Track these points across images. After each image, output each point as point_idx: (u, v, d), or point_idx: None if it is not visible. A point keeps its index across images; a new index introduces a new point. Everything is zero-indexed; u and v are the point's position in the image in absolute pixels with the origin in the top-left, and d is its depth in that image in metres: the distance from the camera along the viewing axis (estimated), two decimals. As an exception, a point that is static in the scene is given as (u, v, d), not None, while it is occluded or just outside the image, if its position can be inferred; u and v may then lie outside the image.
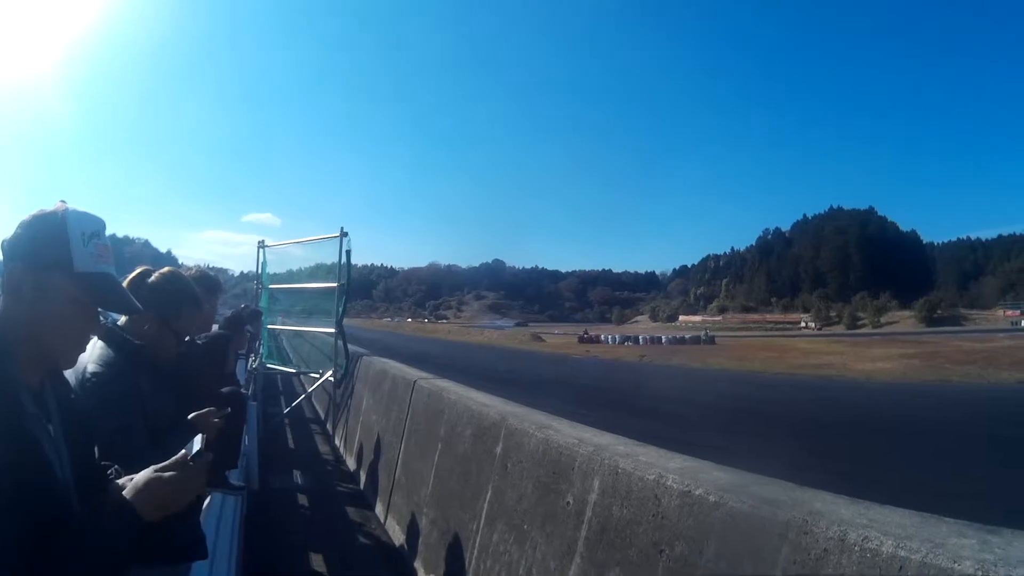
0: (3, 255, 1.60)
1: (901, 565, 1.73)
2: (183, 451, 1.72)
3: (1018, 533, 1.76)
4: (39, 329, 1.59)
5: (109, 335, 2.65)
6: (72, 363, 1.72)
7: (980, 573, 1.57)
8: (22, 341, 1.56)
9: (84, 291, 1.64)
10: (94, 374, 2.55)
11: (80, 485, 1.61)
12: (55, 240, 1.63)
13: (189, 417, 2.51)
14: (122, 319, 2.88)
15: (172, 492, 1.61)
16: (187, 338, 3.18)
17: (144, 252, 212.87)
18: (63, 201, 1.70)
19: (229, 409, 2.79)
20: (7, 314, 1.57)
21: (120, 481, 1.70)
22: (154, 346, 2.73)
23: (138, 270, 3.00)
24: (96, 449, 1.82)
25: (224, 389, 4.13)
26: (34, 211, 1.67)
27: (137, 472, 1.65)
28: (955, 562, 1.63)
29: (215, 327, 4.95)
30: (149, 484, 1.60)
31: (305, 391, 13.71)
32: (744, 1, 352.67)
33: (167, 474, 1.62)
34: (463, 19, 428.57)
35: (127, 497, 1.56)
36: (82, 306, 1.64)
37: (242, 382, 7.00)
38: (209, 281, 3.73)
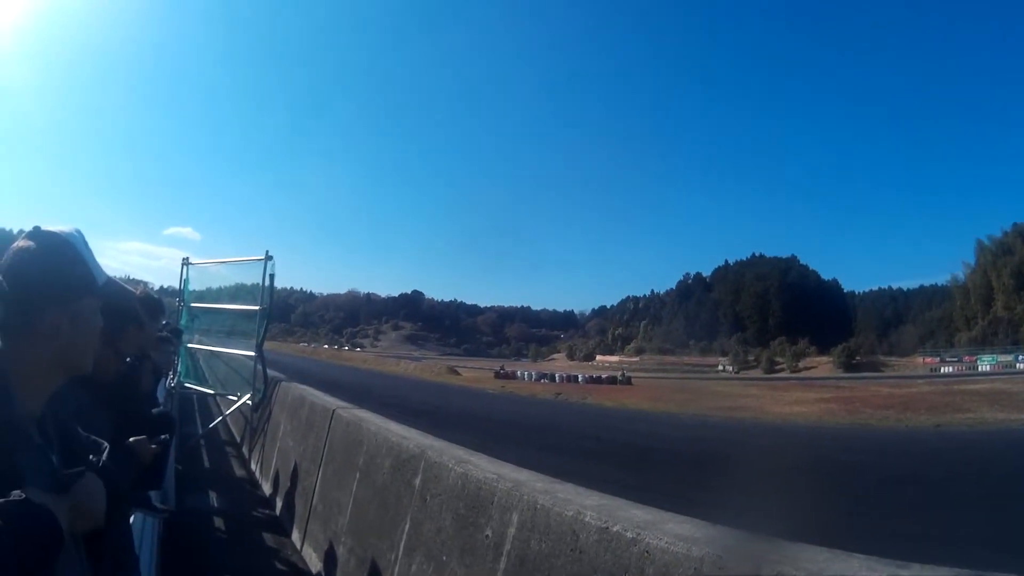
0: (23, 301, 1.55)
1: (815, 599, 1.84)
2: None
3: (927, 567, 1.88)
4: (73, 356, 1.61)
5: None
6: (89, 369, 1.71)
7: (890, 606, 1.67)
8: (41, 376, 1.56)
9: (103, 301, 1.67)
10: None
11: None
12: (77, 267, 1.63)
13: (128, 442, 2.55)
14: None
15: None
16: (127, 359, 3.19)
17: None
18: (38, 226, 1.65)
19: (166, 436, 2.82)
20: (25, 353, 1.54)
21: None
22: (96, 361, 2.77)
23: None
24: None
25: (154, 410, 4.12)
26: (32, 245, 1.61)
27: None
28: (866, 595, 1.73)
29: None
30: None
31: (222, 413, 13.47)
32: (672, 45, 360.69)
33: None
34: (398, 41, 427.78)
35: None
36: (100, 315, 1.67)
37: (160, 401, 6.92)
38: (153, 304, 3.74)
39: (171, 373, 10.66)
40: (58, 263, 1.60)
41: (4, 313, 1.55)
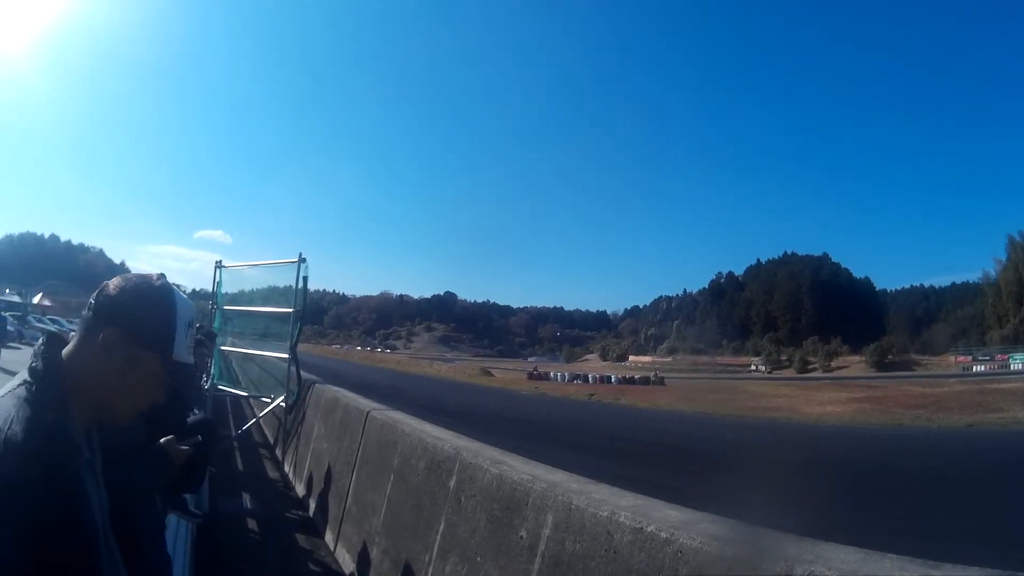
0: (99, 312, 1.61)
1: (846, 597, 1.80)
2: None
3: (959, 567, 1.85)
4: (114, 391, 1.62)
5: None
6: (126, 423, 1.72)
7: (922, 605, 1.63)
8: (89, 390, 1.58)
9: (170, 376, 1.67)
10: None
11: (115, 529, 1.62)
12: (163, 325, 1.66)
13: (160, 442, 2.55)
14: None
15: None
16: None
17: (98, 262, 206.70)
18: (163, 275, 1.72)
19: (200, 437, 2.83)
20: (81, 362, 1.58)
21: None
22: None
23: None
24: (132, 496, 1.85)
25: (194, 416, 4.14)
26: (136, 277, 1.69)
27: None
28: (897, 595, 1.69)
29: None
30: None
31: (255, 415, 13.57)
32: (702, 45, 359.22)
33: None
34: (428, 42, 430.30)
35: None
36: (162, 385, 1.67)
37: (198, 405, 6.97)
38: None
39: (204, 376, 10.75)
40: (147, 309, 1.65)
41: (90, 324, 1.60)
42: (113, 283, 1.65)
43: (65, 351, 1.59)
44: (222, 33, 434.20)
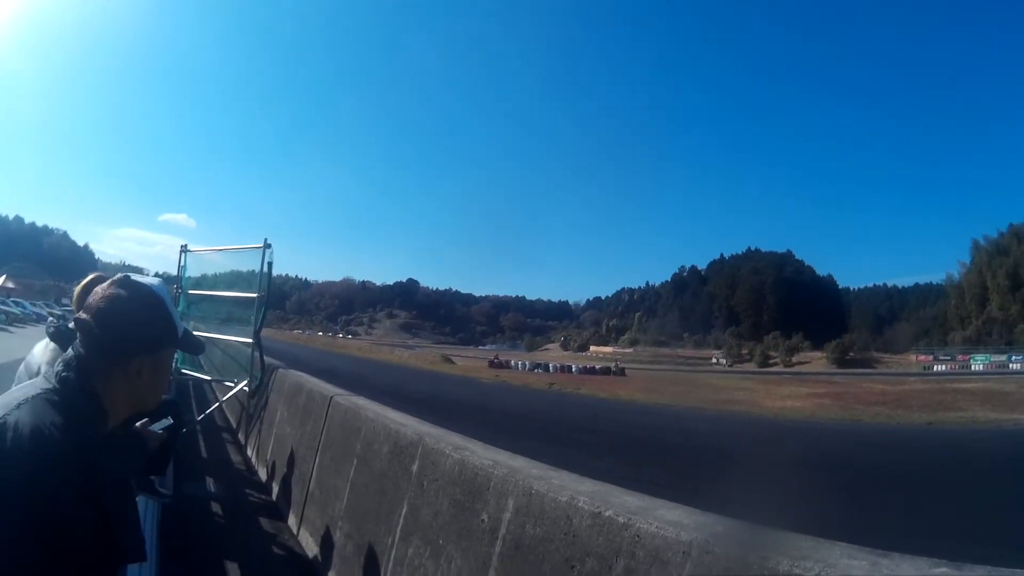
0: (116, 350, 1.70)
1: (796, 582, 1.91)
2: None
3: (906, 557, 1.92)
4: (148, 397, 1.77)
5: (60, 336, 2.77)
6: (153, 407, 1.88)
7: (870, 590, 1.73)
8: (125, 406, 1.73)
9: (179, 347, 1.86)
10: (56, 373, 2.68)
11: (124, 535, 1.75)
12: (165, 320, 1.79)
13: (136, 426, 2.62)
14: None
15: None
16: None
17: (62, 244, 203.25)
18: (127, 275, 1.81)
19: (171, 420, 2.90)
20: (114, 391, 1.70)
21: None
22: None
23: (90, 276, 3.09)
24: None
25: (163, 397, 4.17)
26: (123, 294, 1.74)
27: None
28: (847, 580, 1.80)
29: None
30: None
31: (217, 399, 13.51)
32: (667, 40, 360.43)
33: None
34: (394, 31, 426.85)
35: None
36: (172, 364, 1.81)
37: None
38: None
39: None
40: (148, 315, 1.76)
41: (91, 353, 1.70)
42: (105, 312, 1.71)
43: (97, 384, 1.68)
44: (189, 15, 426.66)
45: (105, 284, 1.78)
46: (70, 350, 1.74)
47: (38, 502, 1.44)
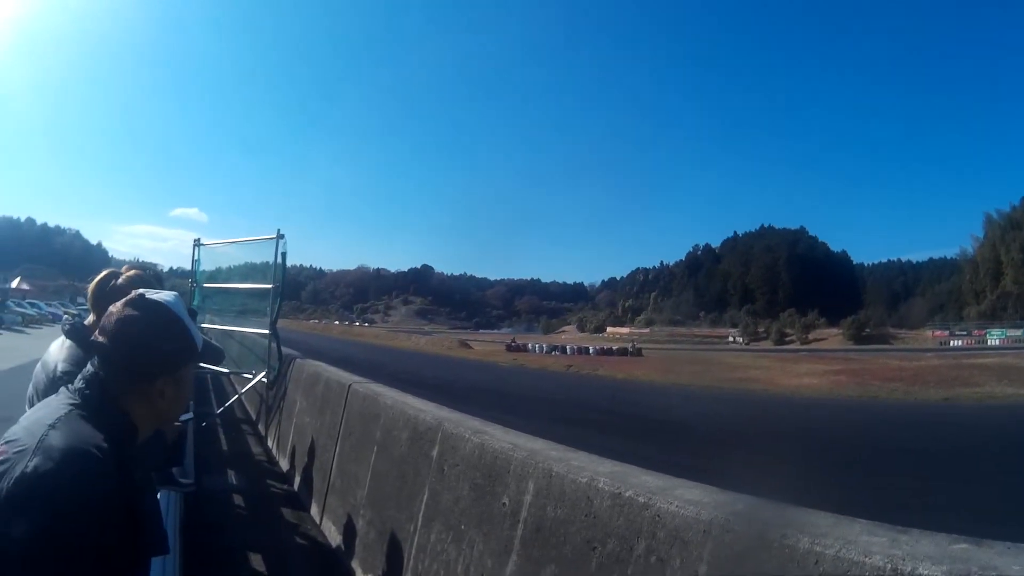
0: (131, 368, 1.69)
1: (816, 559, 1.89)
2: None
3: (926, 533, 1.91)
4: (172, 413, 1.79)
5: (76, 333, 2.77)
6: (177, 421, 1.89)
7: (889, 566, 1.73)
8: (146, 429, 1.73)
9: (200, 361, 1.84)
10: (64, 372, 2.69)
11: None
12: (183, 339, 1.77)
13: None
14: (89, 318, 3.00)
15: None
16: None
17: (75, 243, 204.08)
18: (142, 293, 1.79)
19: (190, 413, 2.91)
20: (139, 411, 1.70)
21: None
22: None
23: (103, 273, 3.10)
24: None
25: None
26: (138, 315, 1.72)
27: None
28: (866, 556, 1.80)
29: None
30: None
31: (236, 392, 13.57)
32: (678, 18, 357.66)
33: None
34: (403, 22, 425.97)
35: None
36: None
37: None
38: (160, 285, 3.80)
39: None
40: (166, 334, 1.74)
41: (111, 375, 1.68)
42: (122, 336, 1.69)
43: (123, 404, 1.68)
44: (196, 10, 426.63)
45: (119, 304, 1.75)
46: (89, 366, 1.72)
47: (90, 520, 1.45)
